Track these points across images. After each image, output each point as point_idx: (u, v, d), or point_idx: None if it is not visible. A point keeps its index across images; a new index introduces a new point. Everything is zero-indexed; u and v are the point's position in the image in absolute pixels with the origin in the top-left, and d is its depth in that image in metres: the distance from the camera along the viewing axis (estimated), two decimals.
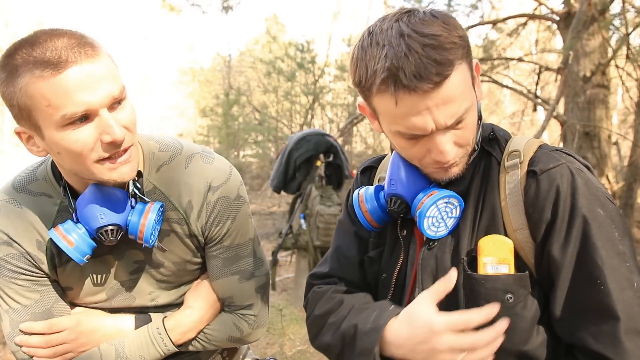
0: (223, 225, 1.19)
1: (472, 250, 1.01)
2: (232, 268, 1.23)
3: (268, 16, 18.39)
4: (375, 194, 1.12)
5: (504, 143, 1.06)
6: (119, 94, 0.98)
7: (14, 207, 1.11)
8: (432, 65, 0.87)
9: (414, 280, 1.10)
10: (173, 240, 1.19)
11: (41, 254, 1.12)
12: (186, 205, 1.16)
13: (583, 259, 0.93)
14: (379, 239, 1.20)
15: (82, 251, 1.06)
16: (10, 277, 1.11)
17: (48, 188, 1.13)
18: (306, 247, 4.50)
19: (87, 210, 1.05)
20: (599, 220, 0.93)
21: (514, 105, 13.60)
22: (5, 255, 1.10)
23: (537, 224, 0.96)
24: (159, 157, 1.17)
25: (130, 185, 1.10)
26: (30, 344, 1.14)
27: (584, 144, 5.57)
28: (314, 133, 4.68)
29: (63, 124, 0.94)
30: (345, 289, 1.18)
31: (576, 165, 0.98)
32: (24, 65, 0.92)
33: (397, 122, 0.94)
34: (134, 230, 1.08)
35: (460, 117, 0.93)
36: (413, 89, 0.88)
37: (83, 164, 0.99)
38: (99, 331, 1.19)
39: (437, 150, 0.95)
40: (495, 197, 1.01)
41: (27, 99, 0.93)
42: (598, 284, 0.91)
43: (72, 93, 0.92)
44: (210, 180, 1.17)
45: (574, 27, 4.44)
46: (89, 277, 1.17)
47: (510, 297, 0.94)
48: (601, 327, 0.91)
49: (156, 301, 1.24)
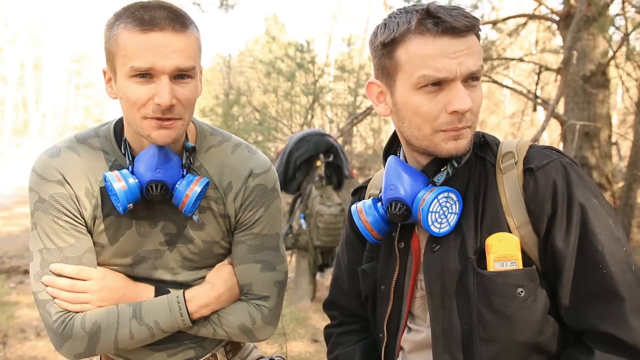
0: (256, 211, 1.26)
1: (478, 249, 1.03)
2: (256, 256, 1.27)
3: (268, 16, 18.41)
4: (374, 205, 1.14)
5: (495, 147, 1.11)
6: (187, 68, 1.09)
7: (72, 154, 1.21)
8: (462, 15, 0.98)
9: (411, 290, 1.14)
10: (208, 217, 1.25)
11: (87, 201, 1.20)
12: (226, 186, 1.25)
13: (584, 245, 0.97)
14: (373, 253, 1.23)
15: (129, 197, 1.14)
16: (54, 215, 1.18)
17: (107, 145, 1.23)
18: (306, 247, 4.51)
19: (146, 163, 1.15)
20: (594, 209, 0.98)
21: (514, 105, 13.61)
22: (55, 193, 1.18)
23: (539, 218, 1.00)
24: (210, 140, 1.28)
25: (184, 156, 1.21)
26: (57, 285, 1.19)
27: (584, 144, 5.58)
28: (314, 133, 4.68)
29: (130, 74, 1.07)
30: (344, 330, 1.33)
31: (567, 160, 1.03)
32: (126, 16, 1.08)
33: (427, 64, 0.98)
34: (179, 197, 1.16)
35: (478, 71, 1.00)
36: (449, 29, 0.97)
37: (133, 115, 1.11)
38: (121, 291, 1.24)
39: (458, 98, 0.98)
40: (496, 197, 1.05)
41: (115, 45, 1.09)
42: (600, 268, 0.95)
43: (145, 52, 1.05)
44: (253, 167, 1.26)
45: (574, 27, 4.44)
46: (122, 237, 1.23)
47: (521, 291, 0.98)
48: (608, 308, 0.94)
49: (176, 277, 1.28)
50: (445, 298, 1.05)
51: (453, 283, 1.04)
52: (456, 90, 0.98)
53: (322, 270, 4.71)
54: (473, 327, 1.01)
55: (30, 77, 29.54)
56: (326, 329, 1.39)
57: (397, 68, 1.03)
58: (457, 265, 1.04)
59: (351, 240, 1.32)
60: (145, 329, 1.21)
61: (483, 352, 1.00)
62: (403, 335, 1.17)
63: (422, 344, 1.13)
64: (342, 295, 1.34)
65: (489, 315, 0.99)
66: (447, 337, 1.04)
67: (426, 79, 0.98)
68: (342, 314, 1.36)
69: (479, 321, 1.00)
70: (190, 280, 1.29)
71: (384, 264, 1.19)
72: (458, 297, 1.03)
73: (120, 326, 1.20)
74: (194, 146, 1.23)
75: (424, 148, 1.06)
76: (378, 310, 1.21)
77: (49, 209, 1.18)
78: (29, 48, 29.60)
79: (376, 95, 1.10)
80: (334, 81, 11.37)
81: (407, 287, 1.13)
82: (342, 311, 1.36)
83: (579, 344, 1.00)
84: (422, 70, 0.98)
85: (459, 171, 1.08)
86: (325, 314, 1.42)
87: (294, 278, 4.90)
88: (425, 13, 0.98)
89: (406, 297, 1.14)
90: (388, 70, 1.05)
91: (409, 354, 1.17)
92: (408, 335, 1.17)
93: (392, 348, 1.19)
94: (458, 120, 1.00)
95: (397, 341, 1.18)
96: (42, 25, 31.33)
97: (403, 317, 1.16)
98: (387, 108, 1.09)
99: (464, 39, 0.98)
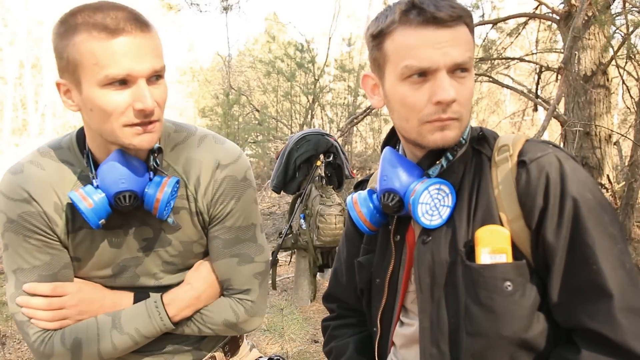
0: (227, 204, 1.22)
1: (469, 241, 1.02)
2: (232, 250, 1.25)
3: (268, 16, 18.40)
4: (369, 196, 1.15)
5: (493, 141, 1.10)
6: (160, 69, 1.07)
7: (36, 169, 1.17)
8: (449, 6, 0.98)
9: (405, 284, 1.13)
10: (183, 217, 1.22)
11: (57, 216, 1.16)
12: (195, 182, 1.21)
13: (575, 240, 0.95)
14: (369, 245, 1.23)
15: (99, 214, 1.10)
16: (24, 235, 1.14)
17: (71, 156, 1.19)
18: (306, 247, 4.50)
19: (108, 175, 1.11)
20: (588, 204, 0.96)
21: (514, 105, 13.61)
22: (23, 212, 1.14)
23: (531, 211, 0.98)
24: (174, 138, 1.24)
25: (150, 159, 1.17)
26: (31, 305, 1.16)
27: (585, 143, 5.57)
28: (314, 133, 4.67)
29: (104, 83, 1.02)
30: (340, 323, 1.34)
31: (563, 154, 1.02)
32: (84, 25, 1.01)
33: (411, 55, 0.98)
34: (150, 201, 1.13)
35: (464, 62, 0.99)
36: (432, 19, 0.97)
37: (111, 124, 1.06)
38: (99, 301, 1.21)
39: (441, 89, 0.97)
40: (489, 190, 1.04)
41: (78, 54, 1.02)
42: (590, 264, 0.93)
43: (120, 57, 1.01)
44: (220, 159, 1.22)
45: (574, 26, 4.43)
46: (98, 249, 1.20)
47: (509, 285, 0.97)
48: (596, 305, 0.92)
49: (160, 282, 1.26)
50: (434, 290, 1.04)
51: (442, 275, 1.03)
52: (440, 80, 0.98)
53: (322, 271, 4.70)
54: (460, 321, 1.00)
55: (29, 77, 29.55)
56: (324, 321, 1.39)
57: (385, 59, 1.03)
58: (447, 257, 1.03)
59: (350, 234, 1.32)
60: (128, 338, 1.19)
61: (469, 346, 0.99)
62: (395, 329, 1.17)
63: (412, 337, 1.12)
64: (341, 288, 1.34)
65: (475, 308, 0.98)
66: (434, 329, 1.04)
67: (409, 70, 0.98)
68: (339, 307, 1.36)
69: (465, 314, 0.99)
70: (174, 283, 1.27)
71: (379, 256, 1.18)
72: (447, 290, 1.02)
73: (101, 338, 1.18)
74: (160, 147, 1.18)
75: (412, 139, 1.06)
76: (373, 304, 1.21)
77: (19, 229, 1.14)
78: (28, 48, 29.60)
79: (370, 88, 1.11)
80: (333, 81, 11.37)
81: (401, 281, 1.13)
82: (340, 304, 1.36)
83: (568, 342, 0.99)
84: (406, 60, 0.99)
85: (454, 164, 1.08)
86: (325, 307, 1.43)
87: (294, 278, 4.89)
88: (410, 4, 0.99)
89: (399, 290, 1.13)
90: (378, 62, 1.06)
91: (400, 349, 1.16)
92: (400, 329, 1.16)
93: (386, 343, 1.19)
94: (442, 111, 0.99)
95: (389, 336, 1.18)
96: (42, 24, 31.33)
97: (396, 311, 1.16)
98: (380, 100, 1.10)
99: (450, 29, 0.97)
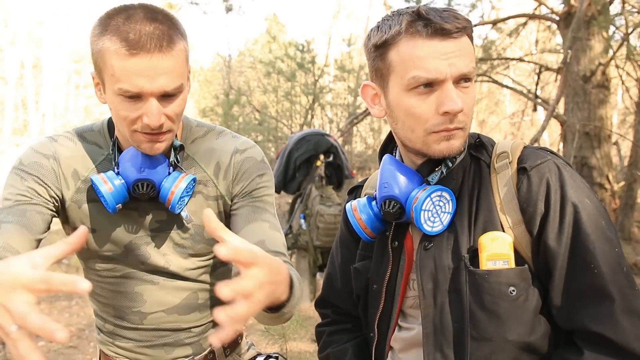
0: (252, 180, 1.27)
1: (471, 247, 1.04)
2: (262, 216, 1.26)
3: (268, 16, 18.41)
4: (368, 203, 1.16)
5: (490, 147, 1.12)
6: (173, 90, 1.09)
7: (68, 141, 1.25)
8: (453, 17, 0.99)
9: (403, 290, 1.14)
10: (198, 201, 1.26)
11: (72, 181, 1.23)
12: (215, 167, 1.27)
13: (576, 245, 0.97)
14: (366, 251, 1.24)
15: (117, 198, 1.16)
16: (22, 177, 1.18)
17: (100, 139, 1.27)
18: (306, 247, 4.51)
19: (130, 163, 1.18)
20: (587, 209, 0.98)
21: (514, 105, 13.61)
22: (38, 161, 1.20)
23: (532, 217, 1.00)
24: (195, 132, 1.31)
25: (172, 154, 1.22)
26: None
27: (584, 144, 5.58)
28: (314, 133, 4.68)
29: (118, 93, 1.08)
30: (335, 329, 1.33)
31: (560, 161, 1.05)
32: (112, 32, 1.05)
33: (417, 65, 0.99)
34: (165, 194, 1.18)
35: (469, 72, 1.00)
36: (439, 31, 0.98)
37: (123, 127, 1.13)
38: None
39: (449, 99, 0.98)
40: (490, 197, 1.06)
41: (101, 60, 1.08)
42: (592, 268, 0.95)
43: (133, 76, 1.05)
44: (237, 145, 1.29)
45: (574, 27, 4.44)
46: (113, 223, 1.24)
47: (513, 290, 0.99)
48: (598, 308, 0.94)
49: (169, 264, 1.28)
50: (437, 296, 1.05)
51: (445, 281, 1.04)
52: (447, 91, 0.99)
53: (322, 271, 4.71)
54: (464, 325, 1.01)
55: (30, 77, 29.56)
56: (317, 327, 1.38)
57: (389, 70, 1.04)
58: (450, 263, 1.04)
59: (345, 239, 1.32)
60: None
61: (474, 351, 1.00)
62: (393, 334, 1.18)
63: (413, 341, 1.13)
64: (335, 293, 1.34)
65: (480, 313, 1.00)
66: (438, 334, 1.05)
67: (417, 80, 0.99)
68: (334, 313, 1.36)
69: (470, 319, 1.01)
70: (182, 271, 1.28)
71: (376, 263, 1.19)
72: (450, 295, 1.03)
73: None
74: (182, 144, 1.23)
75: (417, 149, 1.07)
76: (369, 310, 1.22)
77: (22, 171, 1.18)
78: (28, 48, 29.62)
79: (371, 98, 1.11)
80: (333, 81, 11.37)
81: (399, 287, 1.14)
82: (334, 309, 1.36)
83: (569, 344, 1.00)
84: (413, 71, 0.99)
85: (453, 171, 1.09)
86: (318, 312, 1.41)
87: None
88: (416, 15, 0.99)
89: (397, 296, 1.14)
90: (381, 72, 1.06)
91: (399, 353, 1.17)
92: (399, 333, 1.17)
93: (383, 348, 1.20)
94: (449, 121, 1.00)
95: (387, 341, 1.18)
96: (42, 25, 31.34)
97: (394, 317, 1.16)
98: (381, 110, 1.10)
99: (455, 41, 0.99)
